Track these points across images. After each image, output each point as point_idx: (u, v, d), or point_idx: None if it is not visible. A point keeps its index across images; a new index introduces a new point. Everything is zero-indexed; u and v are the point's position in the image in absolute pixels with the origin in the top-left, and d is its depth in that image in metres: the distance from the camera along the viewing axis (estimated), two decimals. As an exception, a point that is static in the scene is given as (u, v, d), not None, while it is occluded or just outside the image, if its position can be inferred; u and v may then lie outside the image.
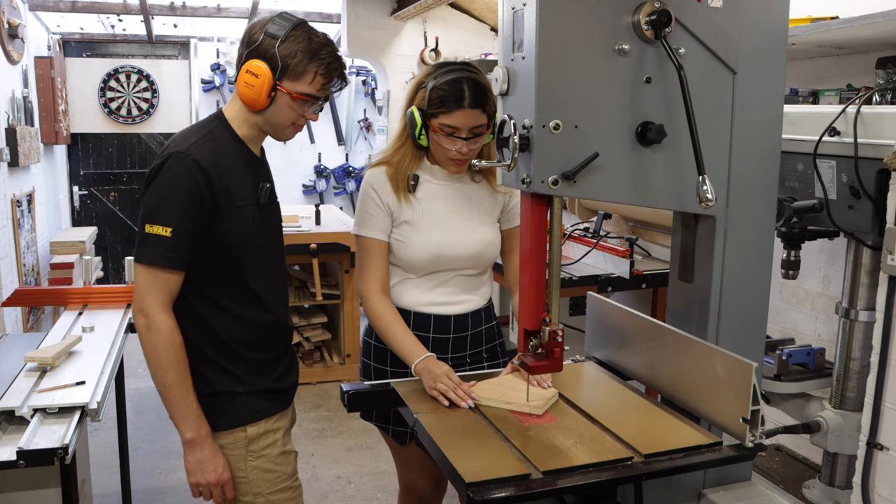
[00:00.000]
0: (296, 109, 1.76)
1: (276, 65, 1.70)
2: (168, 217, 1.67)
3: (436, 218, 2.08)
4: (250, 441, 1.82)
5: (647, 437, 1.59)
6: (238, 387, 1.82)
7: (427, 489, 2.28)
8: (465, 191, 2.12)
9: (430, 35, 5.63)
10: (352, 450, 3.93)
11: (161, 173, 1.70)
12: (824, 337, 3.09)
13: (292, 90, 1.72)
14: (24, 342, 2.56)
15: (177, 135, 1.80)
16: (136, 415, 4.34)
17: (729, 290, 1.73)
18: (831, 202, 2.03)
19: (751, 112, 1.67)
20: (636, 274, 3.36)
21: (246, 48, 1.74)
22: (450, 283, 2.13)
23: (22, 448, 1.77)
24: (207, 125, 1.80)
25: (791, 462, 3.11)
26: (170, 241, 1.67)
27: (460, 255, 2.09)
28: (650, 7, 1.50)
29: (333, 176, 7.23)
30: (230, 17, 6.36)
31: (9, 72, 4.78)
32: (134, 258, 1.72)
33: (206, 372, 1.80)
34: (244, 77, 1.72)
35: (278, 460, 1.87)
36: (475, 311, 2.18)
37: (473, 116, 1.95)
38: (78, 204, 6.91)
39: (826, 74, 2.98)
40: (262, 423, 1.84)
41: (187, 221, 1.69)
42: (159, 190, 1.69)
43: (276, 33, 1.70)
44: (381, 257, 2.09)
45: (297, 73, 1.72)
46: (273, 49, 1.69)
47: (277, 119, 1.77)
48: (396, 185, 2.07)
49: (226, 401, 1.81)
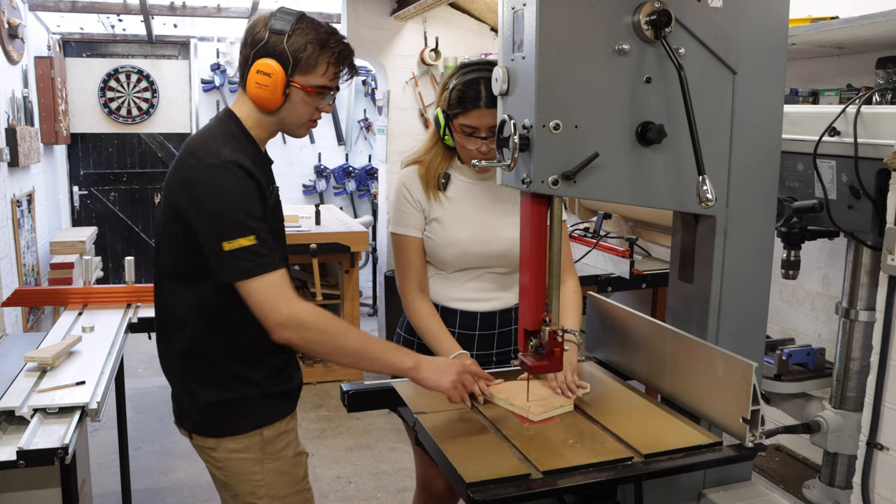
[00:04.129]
0: (311, 104, 1.72)
1: (287, 61, 1.65)
2: (245, 226, 1.61)
3: (464, 216, 2.10)
4: (266, 443, 1.80)
5: (647, 437, 1.59)
6: (254, 391, 1.78)
7: (443, 488, 2.28)
8: (494, 189, 2.13)
9: (430, 35, 5.62)
10: (352, 450, 3.93)
11: (210, 188, 1.61)
12: (824, 337, 3.09)
13: (306, 84, 1.69)
14: (24, 342, 2.55)
15: (200, 141, 1.71)
16: (136, 415, 4.34)
17: (729, 290, 1.73)
18: (831, 202, 2.03)
19: (751, 112, 1.67)
20: (636, 274, 3.36)
21: (251, 48, 1.68)
22: (479, 279, 2.14)
23: (22, 448, 1.77)
24: (229, 130, 1.73)
25: (791, 462, 3.11)
26: (258, 246, 1.61)
27: (488, 252, 2.10)
28: (650, 7, 1.50)
29: (333, 176, 7.23)
30: (230, 17, 6.36)
31: (9, 72, 4.77)
32: (231, 278, 1.62)
33: (222, 379, 1.76)
34: (255, 78, 1.66)
35: (293, 462, 1.85)
36: (504, 310, 2.18)
37: (490, 116, 1.96)
38: (78, 204, 6.91)
39: (826, 74, 2.98)
40: (278, 425, 1.82)
41: (260, 221, 1.64)
42: (219, 207, 1.61)
43: (282, 28, 1.65)
44: (417, 254, 2.12)
45: (309, 67, 1.68)
46: (282, 45, 1.65)
47: (293, 117, 1.74)
48: (427, 184, 2.11)
49: (242, 406, 1.78)
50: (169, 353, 1.84)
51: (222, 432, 1.78)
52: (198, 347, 1.75)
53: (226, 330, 1.74)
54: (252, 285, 1.62)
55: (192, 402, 1.80)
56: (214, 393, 1.76)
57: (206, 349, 1.75)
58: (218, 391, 1.76)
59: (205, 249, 1.64)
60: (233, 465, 1.80)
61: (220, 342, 1.75)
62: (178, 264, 1.74)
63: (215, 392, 1.76)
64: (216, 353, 1.75)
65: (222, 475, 1.83)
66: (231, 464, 1.80)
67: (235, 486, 1.82)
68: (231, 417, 1.77)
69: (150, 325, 2.88)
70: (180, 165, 1.70)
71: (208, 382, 1.76)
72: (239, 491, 1.82)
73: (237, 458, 1.79)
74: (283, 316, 1.62)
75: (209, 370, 1.76)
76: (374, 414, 4.21)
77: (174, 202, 1.68)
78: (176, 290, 1.77)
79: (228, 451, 1.79)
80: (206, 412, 1.78)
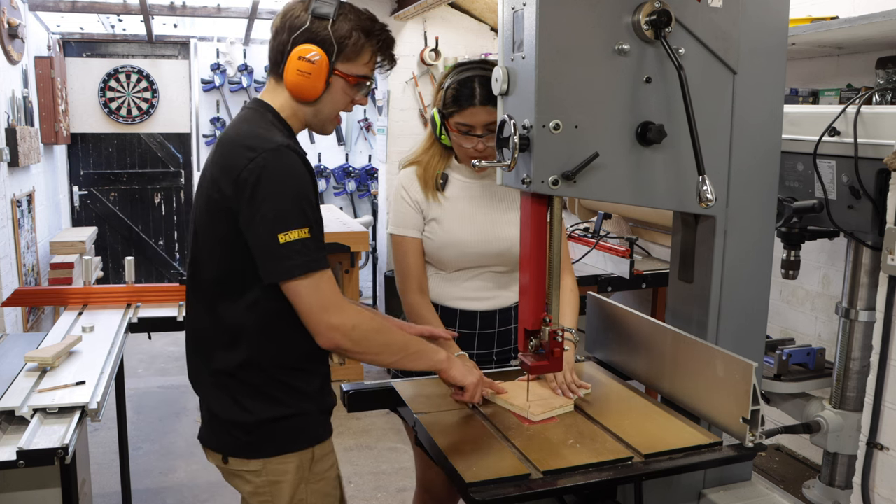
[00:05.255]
0: (349, 94, 1.63)
1: (332, 47, 1.56)
2: (302, 215, 1.49)
3: (463, 215, 2.10)
4: (315, 462, 1.67)
5: (647, 437, 1.59)
6: (310, 405, 1.66)
7: (443, 490, 2.28)
8: (493, 188, 2.13)
9: (430, 35, 5.62)
10: (352, 450, 3.93)
11: (267, 175, 1.49)
12: (824, 337, 3.09)
13: (349, 73, 1.60)
14: (24, 342, 2.55)
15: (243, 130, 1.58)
16: (136, 415, 4.33)
17: (729, 290, 1.73)
18: (831, 202, 2.03)
19: (751, 112, 1.67)
20: (636, 274, 3.36)
21: (289, 33, 1.56)
22: (479, 279, 2.14)
23: (22, 448, 1.77)
24: (267, 118, 1.61)
25: (791, 462, 3.11)
26: (311, 241, 1.50)
27: (487, 251, 2.10)
28: (650, 7, 1.50)
29: (333, 176, 7.22)
30: (230, 17, 6.36)
31: (9, 72, 4.77)
32: (283, 276, 1.50)
33: (278, 394, 1.62)
34: (296, 65, 1.55)
35: (335, 483, 1.75)
36: (504, 309, 2.18)
37: (485, 114, 1.97)
38: (78, 204, 6.91)
39: (826, 74, 2.98)
40: (327, 443, 1.71)
41: (315, 210, 1.55)
42: (279, 193, 1.49)
43: (326, 13, 1.55)
44: (416, 255, 2.12)
45: (354, 54, 1.59)
46: (326, 30, 1.55)
47: (329, 108, 1.64)
48: (425, 184, 2.11)
49: (298, 422, 1.65)
50: (206, 371, 1.67)
51: (271, 452, 1.63)
52: (251, 360, 1.60)
53: (282, 338, 1.60)
54: (303, 283, 1.50)
55: (233, 422, 1.63)
56: (266, 409, 1.61)
57: (260, 361, 1.61)
58: (275, 407, 1.62)
59: (253, 245, 1.52)
60: (276, 489, 1.64)
61: (277, 352, 1.61)
62: (225, 269, 1.60)
63: (267, 408, 1.61)
64: (271, 365, 1.61)
65: (259, 501, 1.66)
66: (275, 487, 1.64)
67: None
68: (284, 434, 1.64)
69: (150, 325, 2.88)
70: (225, 157, 1.56)
71: (258, 397, 1.62)
72: None
73: (283, 479, 1.64)
74: (336, 319, 1.53)
75: (261, 383, 1.62)
76: (374, 414, 4.21)
77: (218, 198, 1.55)
78: (222, 300, 1.61)
79: (274, 473, 1.64)
80: (257, 430, 1.62)
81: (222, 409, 1.65)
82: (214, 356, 1.65)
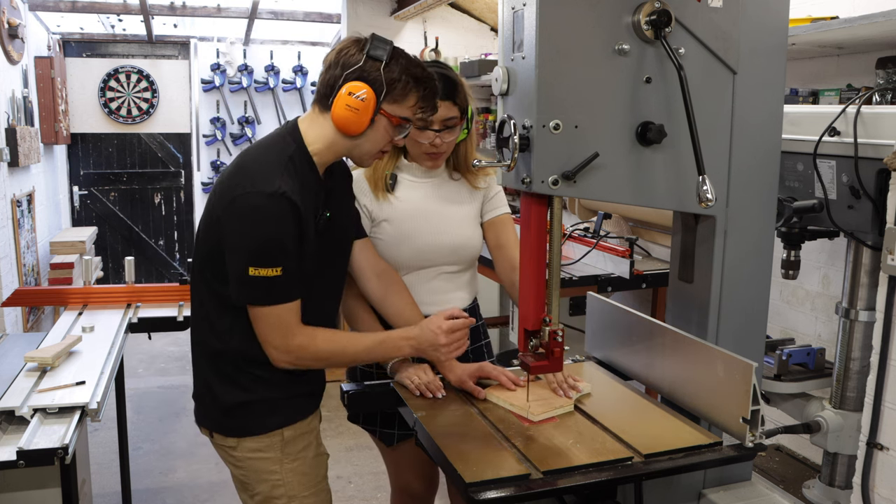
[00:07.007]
0: (390, 133, 1.73)
1: (381, 87, 1.66)
2: (276, 258, 1.64)
3: (414, 212, 2.09)
4: (287, 443, 1.81)
5: (647, 437, 1.59)
6: (276, 393, 1.80)
7: (421, 488, 2.28)
8: (443, 188, 2.13)
9: (430, 35, 5.62)
10: (352, 450, 3.93)
11: (255, 215, 1.63)
12: (824, 337, 3.09)
13: (394, 113, 1.70)
14: (24, 342, 2.56)
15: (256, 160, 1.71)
16: (136, 415, 4.34)
17: (729, 290, 1.73)
18: (831, 202, 2.03)
19: (751, 112, 1.67)
20: (636, 274, 3.36)
21: (342, 69, 1.67)
22: (435, 280, 2.13)
23: (22, 448, 1.77)
24: (286, 151, 1.71)
25: (791, 462, 3.11)
26: (282, 278, 1.65)
27: (440, 244, 2.09)
28: (650, 7, 1.50)
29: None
30: (230, 17, 6.36)
31: (9, 72, 4.78)
32: (246, 301, 1.68)
33: (245, 381, 1.78)
34: (346, 100, 1.65)
35: (313, 462, 1.87)
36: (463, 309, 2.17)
37: (444, 108, 1.95)
38: (78, 204, 6.91)
39: (826, 74, 2.98)
40: (299, 425, 1.83)
41: (292, 255, 1.67)
42: (260, 235, 1.63)
43: (380, 56, 1.66)
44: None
45: (400, 97, 1.69)
46: (377, 72, 1.65)
47: (369, 145, 1.73)
48: (374, 185, 2.09)
49: (264, 407, 1.79)
50: (198, 353, 1.86)
51: (243, 432, 1.79)
52: (224, 349, 1.77)
53: (248, 334, 1.74)
54: (261, 311, 1.68)
55: (214, 403, 1.81)
56: (236, 394, 1.78)
57: (231, 351, 1.77)
58: (240, 392, 1.78)
59: (228, 263, 1.68)
60: (252, 465, 1.81)
61: (245, 345, 1.75)
62: (208, 268, 1.76)
63: (237, 393, 1.78)
64: (239, 356, 1.77)
65: (241, 474, 1.84)
66: (251, 463, 1.81)
67: (254, 486, 1.82)
68: (251, 418, 1.79)
69: (150, 325, 2.89)
70: (232, 175, 1.71)
71: (231, 384, 1.78)
72: (257, 490, 1.82)
73: (257, 457, 1.80)
74: (281, 349, 1.71)
75: (233, 372, 1.78)
76: (374, 414, 4.20)
77: (217, 212, 1.69)
78: (203, 291, 1.79)
79: (249, 450, 1.80)
80: (227, 413, 1.80)
81: (206, 391, 1.84)
82: (199, 341, 1.85)
